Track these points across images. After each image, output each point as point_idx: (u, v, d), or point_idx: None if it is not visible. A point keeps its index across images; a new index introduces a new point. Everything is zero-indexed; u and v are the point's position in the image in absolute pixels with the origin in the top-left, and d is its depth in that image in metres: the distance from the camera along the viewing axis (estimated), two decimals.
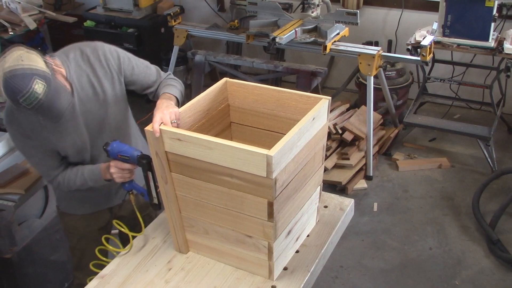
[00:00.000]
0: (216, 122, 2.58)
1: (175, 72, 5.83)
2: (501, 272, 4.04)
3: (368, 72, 4.85)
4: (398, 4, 5.80)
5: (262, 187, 2.05)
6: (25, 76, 2.13)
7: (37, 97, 2.14)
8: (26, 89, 2.12)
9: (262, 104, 2.54)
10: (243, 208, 2.18)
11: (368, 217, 4.61)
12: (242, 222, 2.24)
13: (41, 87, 2.15)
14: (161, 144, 2.20)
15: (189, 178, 2.25)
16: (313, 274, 2.42)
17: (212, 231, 2.37)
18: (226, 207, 2.23)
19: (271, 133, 2.57)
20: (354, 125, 5.04)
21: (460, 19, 4.82)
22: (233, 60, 5.50)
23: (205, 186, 2.22)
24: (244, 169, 2.05)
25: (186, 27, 5.63)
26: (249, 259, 2.35)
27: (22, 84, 2.12)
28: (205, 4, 6.62)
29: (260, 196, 2.09)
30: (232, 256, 2.41)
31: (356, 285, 4.00)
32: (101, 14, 6.41)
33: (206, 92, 2.49)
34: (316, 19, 5.05)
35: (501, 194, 4.72)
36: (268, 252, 2.26)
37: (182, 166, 2.23)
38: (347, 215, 2.75)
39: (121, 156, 2.48)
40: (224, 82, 2.58)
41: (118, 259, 2.51)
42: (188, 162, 2.18)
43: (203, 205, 2.30)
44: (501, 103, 5.35)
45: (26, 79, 2.13)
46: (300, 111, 2.41)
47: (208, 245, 2.44)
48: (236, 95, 2.59)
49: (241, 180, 2.09)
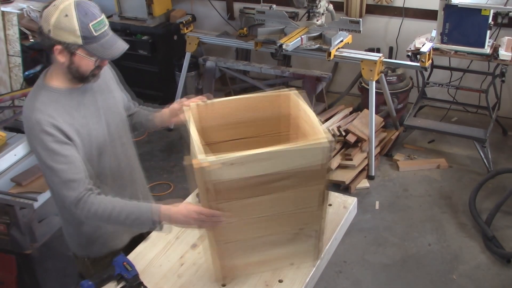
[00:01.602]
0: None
1: (187, 77, 5.85)
2: (497, 267, 4.03)
3: (370, 77, 4.85)
4: (398, 13, 5.79)
5: (318, 176, 2.05)
6: (96, 6, 2.22)
7: (106, 25, 2.21)
8: (98, 13, 2.19)
9: (235, 116, 2.42)
10: (296, 204, 2.15)
11: (370, 215, 4.61)
12: (293, 219, 2.20)
13: (107, 22, 2.25)
14: (211, 175, 1.93)
15: (237, 201, 2.06)
16: (318, 269, 2.43)
17: (254, 245, 2.25)
18: (277, 212, 2.15)
19: (256, 139, 2.47)
20: (357, 128, 5.03)
21: (457, 27, 4.82)
22: (242, 66, 5.51)
23: (254, 201, 2.07)
24: (303, 165, 2.01)
25: (197, 35, 5.64)
26: (297, 252, 2.34)
27: (95, 10, 2.19)
28: (215, 13, 6.63)
29: (315, 185, 2.09)
30: (273, 260, 2.34)
31: (359, 279, 4.00)
32: (117, 22, 6.42)
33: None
34: (321, 27, 5.05)
35: (496, 193, 4.71)
36: (319, 235, 2.27)
37: (231, 191, 2.01)
38: (350, 213, 2.76)
39: (126, 264, 2.38)
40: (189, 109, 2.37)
41: (133, 255, 2.51)
42: (238, 184, 1.99)
43: (248, 223, 2.16)
44: (496, 106, 5.33)
45: (97, 7, 2.22)
46: (274, 108, 2.38)
47: (248, 262, 2.32)
48: (205, 116, 2.40)
49: (298, 178, 2.04)
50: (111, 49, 2.22)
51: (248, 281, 2.32)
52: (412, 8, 5.73)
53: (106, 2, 6.85)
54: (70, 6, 2.12)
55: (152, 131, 4.83)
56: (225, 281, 2.32)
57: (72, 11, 2.11)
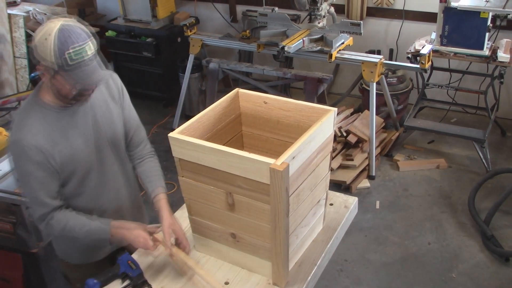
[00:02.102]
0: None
1: (190, 79, 5.85)
2: (495, 266, 4.02)
3: (371, 79, 4.84)
4: (399, 16, 5.79)
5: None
6: (82, 32, 2.08)
7: (85, 54, 2.05)
8: (80, 42, 2.04)
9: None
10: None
11: (371, 214, 4.61)
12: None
13: (92, 49, 2.09)
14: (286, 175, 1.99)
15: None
16: (319, 267, 2.43)
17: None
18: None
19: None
20: (357, 128, 5.03)
21: (456, 30, 4.81)
22: (245, 67, 5.50)
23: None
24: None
25: (201, 37, 5.64)
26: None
27: (78, 37, 2.05)
28: (218, 15, 6.63)
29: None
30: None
31: (360, 277, 4.00)
32: (122, 24, 6.42)
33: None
34: (323, 29, 5.05)
35: (495, 193, 4.70)
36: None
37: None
38: (351, 212, 2.75)
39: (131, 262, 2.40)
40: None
41: (137, 253, 2.52)
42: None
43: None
44: (495, 107, 5.33)
45: (82, 35, 2.07)
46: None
47: None
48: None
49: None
50: (86, 80, 2.11)
51: (251, 279, 2.32)
52: (412, 10, 5.73)
53: (111, 4, 6.89)
54: (52, 30, 2.03)
55: None
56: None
57: (52, 36, 2.02)
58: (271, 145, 2.56)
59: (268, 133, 2.55)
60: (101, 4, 7.11)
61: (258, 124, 2.56)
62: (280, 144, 2.51)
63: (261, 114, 2.52)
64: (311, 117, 2.35)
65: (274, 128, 2.51)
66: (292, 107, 2.41)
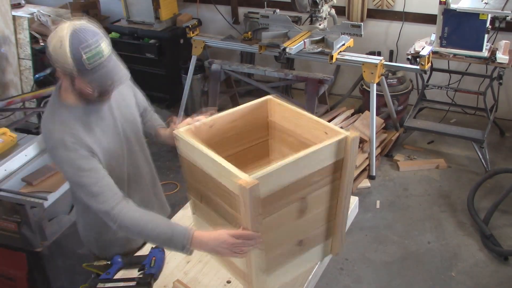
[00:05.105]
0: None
1: (193, 80, 5.84)
2: (494, 264, 4.02)
3: (371, 80, 4.84)
4: (399, 17, 5.79)
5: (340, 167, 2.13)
6: (95, 32, 2.04)
7: (101, 55, 2.02)
8: (94, 43, 2.00)
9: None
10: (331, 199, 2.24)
11: (371, 214, 4.60)
12: (325, 215, 2.28)
13: (107, 48, 2.05)
14: (257, 191, 1.88)
15: (278, 211, 2.05)
16: (320, 266, 2.42)
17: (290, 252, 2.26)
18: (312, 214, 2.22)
19: (247, 150, 2.52)
20: (358, 129, 5.03)
21: (456, 31, 4.81)
22: (247, 69, 5.50)
23: (290, 209, 2.10)
24: (331, 161, 2.10)
25: (203, 38, 5.63)
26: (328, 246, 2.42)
27: (92, 38, 2.00)
28: (220, 17, 6.63)
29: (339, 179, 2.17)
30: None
31: (360, 276, 3.99)
32: (125, 26, 6.43)
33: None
34: (323, 31, 5.05)
35: (494, 192, 4.70)
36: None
37: (272, 203, 2.00)
38: (351, 212, 2.75)
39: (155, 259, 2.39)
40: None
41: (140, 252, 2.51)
42: (278, 194, 2.00)
43: (285, 231, 2.16)
44: (494, 108, 5.33)
45: (95, 35, 2.02)
46: (257, 117, 2.41)
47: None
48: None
49: (328, 174, 2.13)
50: (108, 81, 2.09)
51: None
52: (412, 12, 5.72)
53: (114, 6, 6.89)
54: (65, 35, 1.99)
55: None
56: None
57: (66, 41, 1.98)
58: None
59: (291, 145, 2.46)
60: (104, 6, 7.11)
61: (283, 134, 2.49)
62: None
63: (286, 125, 2.44)
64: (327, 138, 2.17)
65: (296, 141, 2.41)
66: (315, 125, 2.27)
